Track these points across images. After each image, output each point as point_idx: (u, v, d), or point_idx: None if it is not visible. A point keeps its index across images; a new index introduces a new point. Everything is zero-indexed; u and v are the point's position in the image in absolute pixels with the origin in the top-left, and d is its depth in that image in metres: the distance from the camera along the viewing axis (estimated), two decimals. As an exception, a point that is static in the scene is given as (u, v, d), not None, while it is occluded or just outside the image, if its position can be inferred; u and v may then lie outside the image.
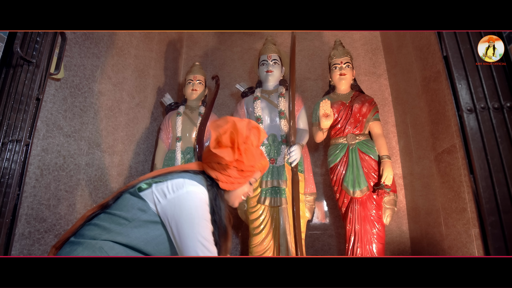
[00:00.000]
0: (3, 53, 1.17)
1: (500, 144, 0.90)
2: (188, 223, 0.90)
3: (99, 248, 0.88)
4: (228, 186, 1.04)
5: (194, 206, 0.91)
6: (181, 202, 0.91)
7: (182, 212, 0.90)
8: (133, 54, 2.32)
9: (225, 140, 0.97)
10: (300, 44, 2.92)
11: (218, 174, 1.03)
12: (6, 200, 1.05)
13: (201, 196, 0.94)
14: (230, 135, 0.98)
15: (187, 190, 0.93)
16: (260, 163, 1.06)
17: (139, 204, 0.94)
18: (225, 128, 0.98)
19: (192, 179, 0.96)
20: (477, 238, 1.61)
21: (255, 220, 2.05)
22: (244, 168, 1.02)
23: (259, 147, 1.07)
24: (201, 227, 0.90)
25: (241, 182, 1.05)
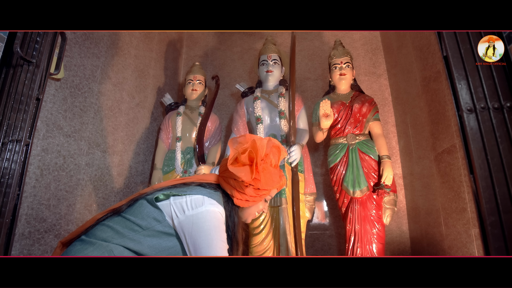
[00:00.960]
0: (3, 53, 1.17)
1: (500, 144, 0.90)
2: (205, 243, 0.89)
3: (109, 250, 0.88)
4: (242, 203, 1.02)
5: (212, 226, 0.91)
6: (200, 221, 0.91)
7: (200, 232, 0.90)
8: (133, 54, 2.32)
9: (243, 159, 0.96)
10: (300, 44, 2.92)
11: (234, 191, 1.01)
12: (6, 200, 1.05)
13: (219, 216, 0.94)
14: (249, 154, 0.96)
15: (206, 209, 0.92)
16: (277, 182, 1.04)
17: (155, 213, 0.94)
18: (245, 147, 0.97)
19: (211, 197, 0.95)
20: (477, 238, 1.61)
21: (255, 220, 2.05)
22: (260, 187, 1.00)
23: (278, 166, 1.05)
24: (218, 248, 0.89)
25: (256, 200, 1.04)
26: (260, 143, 0.98)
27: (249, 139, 0.99)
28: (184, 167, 2.26)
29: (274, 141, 1.03)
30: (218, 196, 0.99)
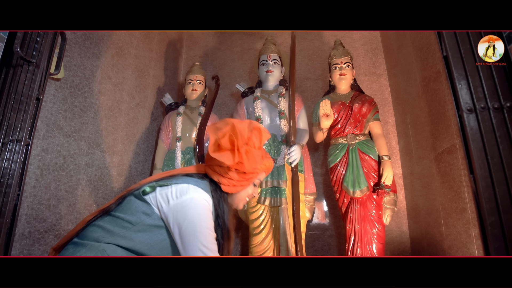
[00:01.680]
0: (3, 53, 1.17)
1: (500, 144, 0.90)
2: (190, 230, 0.88)
3: (101, 250, 0.88)
4: (231, 189, 1.02)
5: (197, 214, 0.90)
6: (184, 209, 0.90)
7: (184, 219, 0.89)
8: (133, 54, 2.32)
9: (224, 143, 0.95)
10: (300, 44, 2.92)
11: (220, 178, 1.01)
12: (6, 200, 1.05)
13: (205, 203, 0.93)
14: (229, 137, 0.95)
15: (191, 196, 0.92)
16: (264, 164, 1.04)
17: (143, 207, 0.93)
18: (224, 131, 0.95)
19: (196, 185, 0.95)
20: (477, 238, 1.61)
21: (255, 220, 2.05)
22: (246, 171, 1.00)
23: (262, 148, 1.04)
24: (202, 236, 0.89)
25: (244, 184, 1.03)
26: (239, 126, 0.97)
27: (228, 122, 0.98)
28: (184, 167, 2.26)
29: (255, 123, 1.02)
30: (205, 184, 0.98)
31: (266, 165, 1.06)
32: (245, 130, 0.97)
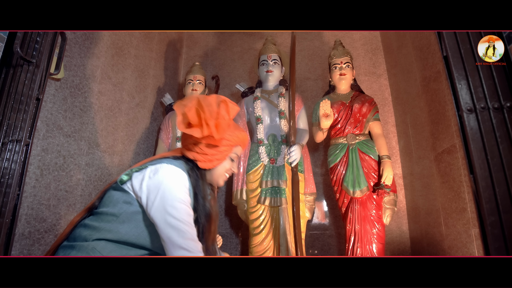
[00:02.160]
0: (3, 53, 1.17)
1: (500, 144, 0.90)
2: (160, 205, 0.89)
3: (91, 249, 0.88)
4: (207, 165, 1.02)
5: (168, 188, 0.91)
6: (157, 186, 0.91)
7: (156, 195, 0.90)
8: (133, 54, 2.32)
9: (191, 118, 0.96)
10: (300, 44, 2.92)
11: (195, 154, 1.02)
12: (6, 200, 1.05)
13: (177, 178, 0.93)
14: (195, 111, 0.96)
15: (163, 174, 0.92)
16: (237, 136, 1.04)
17: (123, 197, 0.94)
18: (189, 106, 0.96)
19: (170, 163, 0.96)
20: (477, 238, 1.61)
21: (255, 220, 2.05)
22: (219, 144, 1.01)
23: (232, 120, 1.04)
24: (173, 208, 0.89)
25: (220, 158, 1.03)
26: (206, 100, 0.98)
27: (194, 98, 0.99)
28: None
29: (222, 97, 1.02)
30: (180, 163, 0.99)
31: (240, 137, 1.06)
32: (213, 105, 0.98)
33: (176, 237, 0.87)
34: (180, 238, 0.87)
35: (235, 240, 2.59)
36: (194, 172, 1.01)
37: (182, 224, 0.88)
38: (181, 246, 0.86)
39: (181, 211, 0.89)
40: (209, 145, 1.01)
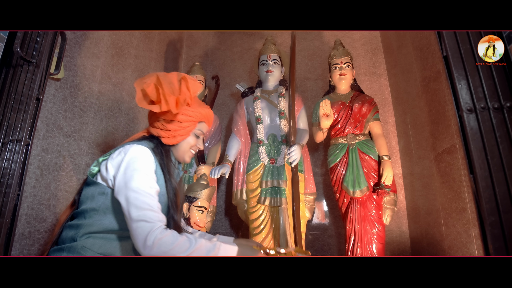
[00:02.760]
0: (3, 53, 1.17)
1: (500, 144, 0.90)
2: (123, 178, 0.91)
3: (81, 247, 0.89)
4: (170, 141, 1.04)
5: (129, 163, 0.92)
6: (119, 163, 0.93)
7: (119, 171, 0.92)
8: (133, 54, 2.32)
9: (150, 94, 0.97)
10: (300, 44, 2.91)
11: (159, 130, 1.04)
12: (6, 200, 1.05)
13: (139, 154, 0.94)
14: (154, 87, 0.97)
15: (125, 153, 0.95)
16: (199, 112, 1.06)
17: (97, 189, 0.95)
18: (148, 82, 0.97)
19: (132, 143, 0.98)
20: (477, 238, 1.61)
21: (255, 220, 2.05)
22: (181, 119, 1.02)
23: (194, 96, 1.06)
24: (135, 182, 0.89)
25: (183, 134, 1.05)
26: (166, 77, 1.00)
27: (153, 75, 1.00)
28: (184, 167, 2.26)
29: (182, 74, 1.05)
30: (143, 142, 1.01)
31: (202, 113, 1.07)
32: (173, 81, 1.00)
33: (134, 211, 0.86)
34: (138, 210, 0.86)
35: (235, 240, 2.59)
36: (158, 149, 1.03)
37: (141, 196, 0.88)
38: (139, 218, 0.85)
39: (140, 183, 0.89)
40: (171, 121, 1.02)
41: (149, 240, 0.82)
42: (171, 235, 0.85)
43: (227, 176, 2.05)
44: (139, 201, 0.87)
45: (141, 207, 0.86)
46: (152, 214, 0.87)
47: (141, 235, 0.83)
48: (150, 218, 0.85)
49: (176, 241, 0.84)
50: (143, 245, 0.83)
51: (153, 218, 0.86)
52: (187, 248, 0.85)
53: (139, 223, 0.85)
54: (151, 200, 0.89)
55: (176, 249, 0.83)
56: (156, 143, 1.04)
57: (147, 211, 0.86)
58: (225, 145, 2.36)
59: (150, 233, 0.83)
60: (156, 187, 0.93)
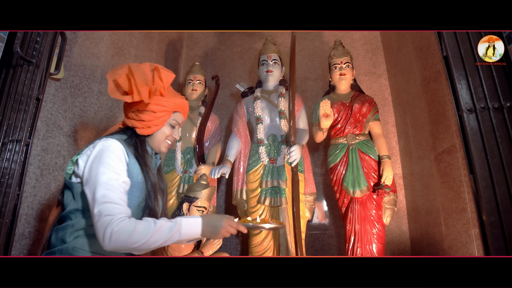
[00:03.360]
0: (3, 53, 1.17)
1: (500, 144, 0.90)
2: (90, 168, 0.90)
3: (72, 248, 0.89)
4: (145, 131, 1.04)
5: (96, 158, 0.92)
6: (88, 159, 0.93)
7: (86, 164, 0.92)
8: (133, 54, 2.32)
9: (122, 84, 0.97)
10: (300, 44, 2.91)
11: (133, 121, 1.04)
12: (6, 200, 1.05)
13: (107, 148, 0.94)
14: (126, 78, 0.97)
15: (93, 147, 0.94)
16: (174, 102, 1.05)
17: (76, 190, 0.95)
18: (120, 73, 0.97)
19: (101, 138, 0.98)
20: (477, 238, 1.61)
21: (255, 220, 2.05)
22: (155, 109, 1.02)
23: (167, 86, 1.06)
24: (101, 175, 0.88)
25: (157, 124, 1.05)
26: (137, 67, 1.00)
27: (125, 65, 1.00)
28: (184, 167, 2.26)
29: (154, 64, 1.04)
30: (115, 136, 1.00)
31: (177, 103, 1.07)
32: (146, 72, 1.00)
33: (95, 205, 0.85)
34: (98, 204, 0.85)
35: (235, 240, 2.59)
36: (132, 140, 1.03)
37: (102, 190, 0.86)
38: (99, 213, 0.83)
39: (102, 177, 0.88)
40: (144, 111, 1.02)
41: (106, 234, 0.80)
42: (128, 224, 0.82)
43: (227, 176, 2.05)
44: (99, 195, 0.86)
45: (101, 201, 0.85)
46: (112, 206, 0.84)
47: (100, 230, 0.82)
48: (109, 211, 0.83)
49: (135, 229, 0.82)
50: (102, 240, 0.81)
51: (113, 211, 0.84)
52: (147, 232, 0.83)
53: (99, 218, 0.83)
54: (112, 193, 0.87)
55: (135, 236, 0.81)
56: (129, 134, 1.04)
57: (107, 204, 0.84)
58: (225, 145, 2.36)
59: (107, 227, 0.81)
60: (122, 179, 0.91)
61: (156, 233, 0.84)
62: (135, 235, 0.81)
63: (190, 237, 0.89)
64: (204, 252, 1.63)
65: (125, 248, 0.82)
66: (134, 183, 0.96)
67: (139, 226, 0.83)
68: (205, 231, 0.91)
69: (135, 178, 0.97)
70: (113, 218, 0.82)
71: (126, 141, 1.01)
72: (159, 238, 0.84)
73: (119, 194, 0.88)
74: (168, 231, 0.85)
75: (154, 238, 0.83)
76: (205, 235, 0.92)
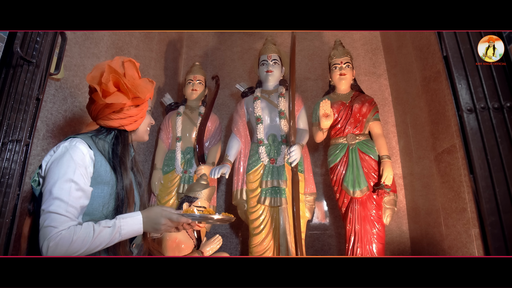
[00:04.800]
0: (3, 53, 1.17)
1: (500, 144, 0.90)
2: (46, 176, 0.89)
3: None
4: (134, 126, 1.05)
5: (58, 159, 0.90)
6: (50, 162, 0.91)
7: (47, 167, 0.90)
8: (133, 54, 2.32)
9: (111, 87, 0.96)
10: (300, 44, 2.92)
11: (120, 121, 1.02)
12: (6, 200, 1.05)
13: (72, 153, 0.91)
14: (113, 79, 0.97)
15: (57, 149, 0.93)
16: (146, 88, 1.04)
17: None
18: (106, 77, 0.96)
19: (68, 138, 0.96)
20: (477, 238, 1.61)
21: (255, 220, 2.05)
22: (139, 102, 1.03)
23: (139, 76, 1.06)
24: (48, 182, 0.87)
25: (142, 115, 1.07)
26: (115, 64, 1.00)
27: (99, 67, 1.00)
28: (184, 167, 2.26)
29: (124, 57, 1.04)
30: (82, 136, 0.97)
31: (148, 88, 1.06)
32: (119, 67, 1.00)
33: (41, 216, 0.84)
34: (43, 214, 0.84)
35: (235, 240, 2.59)
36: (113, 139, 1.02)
37: (49, 200, 0.85)
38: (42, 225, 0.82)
39: (52, 186, 0.86)
40: (134, 106, 1.03)
41: (44, 247, 0.80)
42: (67, 236, 0.81)
43: (227, 176, 2.05)
44: (47, 204, 0.84)
45: (46, 210, 0.84)
46: (55, 217, 0.83)
47: (40, 241, 0.81)
48: (51, 222, 0.82)
49: (72, 240, 0.81)
50: (41, 250, 0.81)
51: (54, 222, 0.82)
52: (86, 241, 0.82)
53: (41, 227, 0.83)
54: (60, 202, 0.85)
55: (74, 246, 0.81)
56: (105, 133, 1.03)
57: (50, 214, 0.83)
58: (225, 145, 2.36)
59: (45, 240, 0.81)
60: (77, 186, 0.88)
61: (95, 239, 0.84)
62: (73, 246, 0.81)
63: (132, 235, 0.90)
64: (204, 252, 1.63)
65: (66, 255, 0.82)
66: (102, 181, 0.95)
67: (77, 237, 0.82)
68: (146, 228, 0.92)
69: (103, 177, 0.95)
70: (53, 230, 0.81)
71: (93, 138, 0.98)
72: (100, 243, 0.85)
73: (67, 204, 0.85)
74: (109, 235, 0.86)
75: (94, 244, 0.84)
76: (147, 231, 0.95)
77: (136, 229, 0.90)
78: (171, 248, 1.61)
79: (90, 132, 1.05)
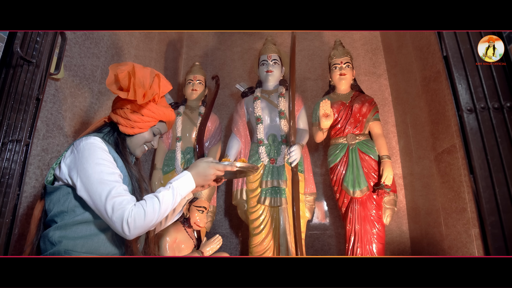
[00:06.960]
0: (3, 53, 1.17)
1: (500, 144, 0.90)
2: (81, 171, 0.91)
3: (64, 251, 0.89)
4: (127, 130, 1.06)
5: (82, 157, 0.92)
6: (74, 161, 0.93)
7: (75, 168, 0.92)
8: (133, 54, 2.32)
9: (122, 80, 0.99)
10: (300, 44, 2.92)
11: (118, 117, 1.05)
12: (6, 200, 1.05)
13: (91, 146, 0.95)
14: (127, 75, 0.99)
15: (76, 149, 0.95)
16: (163, 112, 1.08)
17: (60, 193, 0.96)
18: (123, 69, 0.99)
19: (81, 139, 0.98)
20: (477, 238, 1.61)
21: (255, 220, 2.05)
22: (144, 113, 1.05)
23: (161, 96, 1.09)
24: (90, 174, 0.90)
25: (141, 127, 1.07)
26: (141, 69, 1.02)
27: (130, 63, 1.02)
28: (184, 167, 2.26)
29: (156, 71, 1.06)
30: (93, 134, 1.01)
31: (165, 113, 1.10)
32: (147, 76, 1.02)
33: (101, 205, 0.87)
34: (105, 203, 0.86)
35: (235, 240, 2.59)
36: (113, 137, 1.05)
37: (100, 188, 0.88)
38: (109, 211, 0.85)
39: (97, 175, 0.89)
40: (134, 112, 1.04)
41: (125, 227, 0.85)
42: (138, 210, 0.86)
43: (227, 176, 2.05)
44: (104, 193, 0.87)
45: (108, 197, 0.86)
46: (120, 200, 0.87)
47: (118, 226, 0.85)
48: (119, 204, 0.86)
49: (146, 211, 0.87)
50: (123, 233, 0.86)
51: (122, 203, 0.86)
52: (156, 208, 0.89)
53: (112, 214, 0.85)
54: (112, 187, 0.88)
55: (149, 217, 0.87)
56: (106, 132, 1.06)
57: (114, 199, 0.86)
58: (225, 145, 2.36)
59: (123, 221, 0.84)
60: (116, 171, 0.94)
61: (162, 204, 0.90)
62: (149, 216, 0.87)
63: (188, 192, 0.98)
64: (204, 252, 1.63)
65: (146, 229, 0.88)
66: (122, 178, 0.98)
67: (148, 206, 0.88)
68: (198, 182, 0.99)
69: (120, 169, 0.99)
70: (124, 211, 0.85)
71: (104, 138, 1.02)
72: (166, 207, 0.91)
73: (118, 185, 0.90)
74: (171, 198, 0.92)
75: (163, 209, 0.90)
76: (199, 185, 1.01)
77: (190, 185, 0.97)
78: (171, 248, 1.61)
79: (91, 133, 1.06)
